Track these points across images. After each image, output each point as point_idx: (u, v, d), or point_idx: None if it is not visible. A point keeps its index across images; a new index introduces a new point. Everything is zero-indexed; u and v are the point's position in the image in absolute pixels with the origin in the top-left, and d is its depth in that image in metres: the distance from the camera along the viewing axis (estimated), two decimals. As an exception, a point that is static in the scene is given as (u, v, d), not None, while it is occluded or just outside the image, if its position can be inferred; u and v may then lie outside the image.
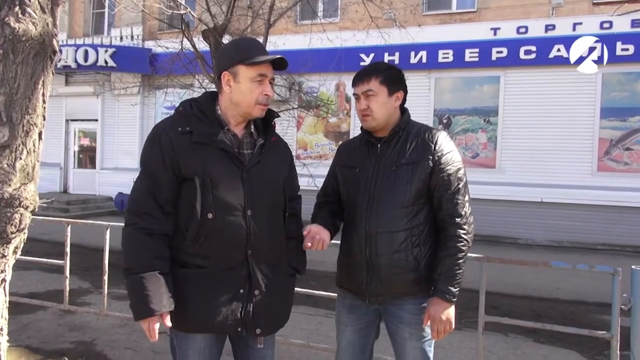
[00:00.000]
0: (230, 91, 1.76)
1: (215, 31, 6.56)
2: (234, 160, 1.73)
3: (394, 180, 1.93)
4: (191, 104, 1.79)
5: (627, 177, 9.84)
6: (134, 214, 1.69)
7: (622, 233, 9.53)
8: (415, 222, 1.93)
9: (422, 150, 1.94)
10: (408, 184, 1.91)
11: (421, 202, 1.94)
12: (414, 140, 1.97)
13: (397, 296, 1.95)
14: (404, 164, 1.93)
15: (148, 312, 1.61)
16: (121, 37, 13.68)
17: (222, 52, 1.86)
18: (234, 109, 1.78)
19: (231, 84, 1.75)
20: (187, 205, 1.70)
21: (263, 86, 1.76)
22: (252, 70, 1.74)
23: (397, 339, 2.00)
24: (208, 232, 1.68)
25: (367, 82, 1.98)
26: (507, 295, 5.73)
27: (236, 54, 1.76)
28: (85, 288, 5.58)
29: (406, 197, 1.91)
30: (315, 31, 9.33)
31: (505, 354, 3.90)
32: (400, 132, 2.00)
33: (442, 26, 11.05)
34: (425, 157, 1.92)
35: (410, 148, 1.95)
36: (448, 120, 11.24)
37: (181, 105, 1.81)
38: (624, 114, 9.95)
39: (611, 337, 2.55)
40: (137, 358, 3.60)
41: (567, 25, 10.14)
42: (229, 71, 1.76)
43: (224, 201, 1.69)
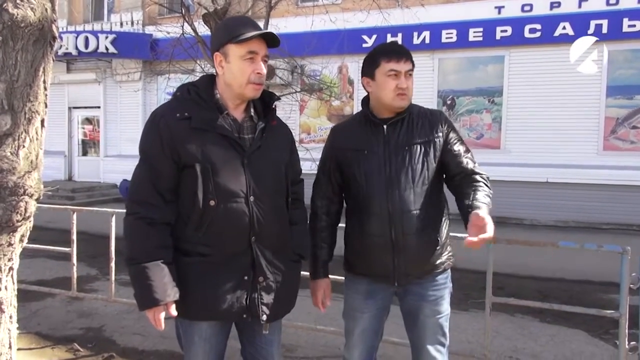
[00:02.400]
0: (223, 72, 1.73)
1: (215, 15, 6.49)
2: (235, 146, 1.70)
3: (410, 160, 1.95)
4: (189, 89, 1.75)
5: (633, 156, 9.76)
6: (135, 202, 1.67)
7: (628, 212, 9.49)
8: (434, 199, 1.97)
9: (430, 129, 1.99)
10: (425, 162, 1.95)
11: (436, 179, 1.99)
12: (419, 120, 2.01)
13: (422, 275, 1.98)
14: (416, 143, 1.97)
15: (153, 302, 1.61)
16: (121, 22, 13.56)
17: (213, 34, 1.83)
18: (229, 91, 1.75)
19: (223, 65, 1.72)
20: (188, 193, 1.67)
21: (254, 64, 1.71)
22: (242, 48, 1.69)
23: (419, 316, 2.02)
24: (210, 220, 1.66)
25: (410, 61, 1.98)
26: (514, 276, 5.73)
27: (225, 33, 1.72)
28: (93, 275, 5.63)
29: (423, 176, 1.95)
30: (317, 13, 9.21)
31: (512, 335, 3.92)
32: (404, 113, 2.00)
33: (445, 5, 10.88)
34: (435, 134, 1.98)
35: (418, 127, 1.99)
36: (452, 101, 11.14)
37: (178, 90, 1.77)
38: (630, 91, 9.82)
39: (620, 316, 2.55)
40: (146, 343, 3.63)
41: (572, 2, 9.97)
42: (220, 52, 1.73)
43: (225, 188, 1.66)
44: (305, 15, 9.64)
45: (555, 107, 10.08)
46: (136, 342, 3.64)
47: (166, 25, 9.24)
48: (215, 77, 1.81)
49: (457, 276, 2.29)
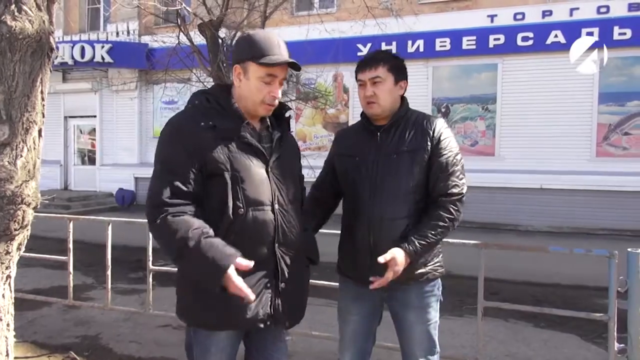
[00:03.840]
0: (240, 85, 1.74)
1: (211, 24, 6.55)
2: (259, 155, 1.71)
3: (396, 168, 1.95)
4: (207, 98, 1.73)
5: (626, 162, 9.86)
6: (159, 205, 1.59)
7: (622, 217, 9.56)
8: (418, 209, 1.96)
9: (420, 138, 1.98)
10: (409, 172, 1.95)
11: (422, 190, 1.97)
12: (412, 128, 2.00)
13: (402, 282, 1.96)
14: (404, 151, 1.97)
15: (223, 270, 1.51)
16: (117, 32, 13.64)
17: (236, 45, 1.80)
18: (244, 103, 1.75)
19: (241, 79, 1.73)
20: (216, 202, 1.64)
21: (271, 87, 1.72)
22: (262, 69, 1.69)
23: (404, 323, 2.03)
24: (239, 228, 1.64)
25: (375, 68, 1.99)
26: (508, 282, 5.77)
27: (249, 49, 1.70)
28: (89, 283, 5.63)
29: (408, 185, 1.94)
30: (312, 22, 9.29)
31: (506, 339, 3.95)
32: (399, 121, 2.02)
33: (439, 14, 11.02)
34: (423, 144, 1.97)
35: (409, 136, 1.99)
36: (446, 108, 11.23)
37: (196, 99, 1.75)
38: (622, 98, 9.94)
39: (608, 319, 2.59)
40: (142, 351, 3.64)
41: (564, 10, 10.12)
42: (241, 65, 1.72)
43: (254, 196, 1.66)
44: (300, 24, 9.72)
45: (548, 114, 10.19)
46: (132, 350, 3.65)
47: (162, 35, 9.30)
48: (229, 86, 1.81)
49: (453, 282, 2.34)
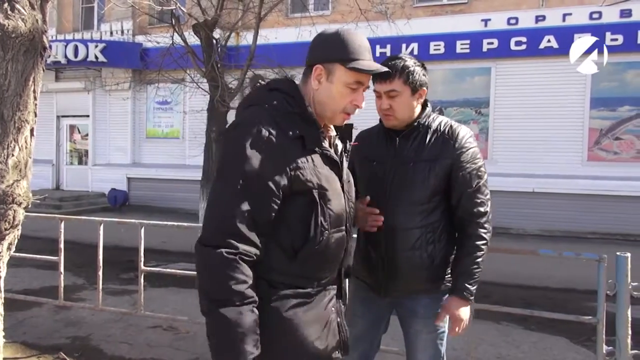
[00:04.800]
0: (318, 88, 1.49)
1: (206, 25, 6.55)
2: (336, 169, 1.50)
3: (412, 177, 1.88)
4: (287, 100, 1.46)
5: (616, 167, 9.95)
6: (226, 233, 1.32)
7: (612, 221, 9.63)
8: (431, 220, 1.90)
9: (441, 147, 1.90)
10: (425, 182, 1.88)
11: (437, 200, 1.91)
12: (433, 135, 1.92)
13: (411, 292, 1.94)
14: (422, 160, 1.89)
15: (243, 357, 1.29)
16: (111, 31, 13.58)
17: (322, 41, 1.52)
18: (320, 109, 1.51)
19: (322, 81, 1.49)
20: (299, 222, 1.41)
21: (356, 94, 1.50)
22: (352, 75, 1.47)
23: (410, 331, 2.02)
24: (320, 252, 1.44)
25: (390, 81, 1.89)
26: (499, 284, 5.80)
27: (340, 49, 1.47)
28: (80, 284, 5.60)
29: (423, 195, 1.88)
30: (306, 24, 9.32)
31: (497, 341, 3.97)
32: (420, 127, 1.94)
33: (433, 18, 11.07)
34: (444, 154, 1.89)
35: (429, 144, 1.91)
36: (440, 112, 11.26)
37: (273, 98, 1.46)
38: (613, 103, 10.03)
39: (597, 322, 2.61)
40: (133, 352, 3.63)
41: (557, 15, 10.19)
42: (324, 66, 1.48)
43: (336, 216, 1.47)
44: (295, 26, 9.74)
45: (540, 118, 10.26)
46: (123, 351, 3.64)
47: (156, 35, 9.30)
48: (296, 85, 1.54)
49: None
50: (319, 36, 1.53)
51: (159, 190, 12.98)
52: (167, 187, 12.88)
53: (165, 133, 13.74)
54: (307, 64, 1.52)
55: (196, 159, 10.54)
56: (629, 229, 9.47)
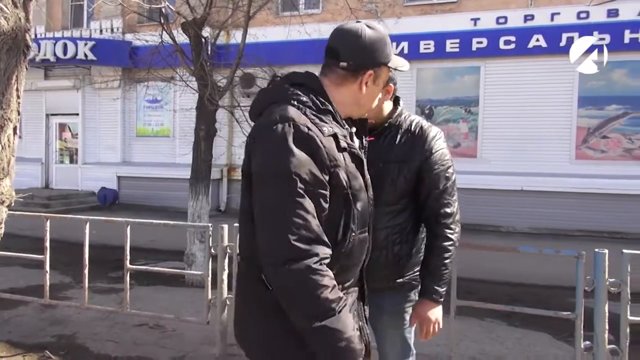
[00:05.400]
0: (364, 93, 1.46)
1: (194, 24, 6.54)
2: (362, 168, 1.45)
3: (380, 178, 1.85)
4: (316, 97, 1.39)
5: (604, 165, 10.06)
6: (301, 243, 1.23)
7: (600, 219, 9.74)
8: (398, 221, 1.91)
9: (410, 148, 1.90)
10: (394, 183, 1.88)
11: (405, 202, 1.92)
12: (404, 135, 1.93)
13: (377, 290, 1.91)
14: (392, 161, 1.89)
15: (359, 354, 1.28)
16: (101, 29, 13.51)
17: (370, 43, 1.44)
18: (350, 110, 1.49)
19: (369, 85, 1.46)
20: (330, 225, 1.33)
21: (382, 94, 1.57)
22: (387, 73, 1.53)
23: (378, 326, 2.04)
24: (348, 254, 1.40)
25: None
26: (485, 282, 5.86)
27: (387, 51, 1.47)
28: (67, 282, 5.59)
29: (391, 196, 1.88)
30: (295, 23, 9.32)
31: (480, 338, 4.02)
32: (391, 126, 1.94)
33: (423, 17, 11.12)
34: (413, 155, 1.89)
35: (399, 144, 1.91)
36: (430, 110, 11.34)
37: (301, 95, 1.38)
38: (600, 102, 10.14)
39: (575, 317, 2.66)
40: (119, 350, 3.63)
41: (545, 15, 10.28)
42: (375, 70, 1.45)
43: (362, 217, 1.43)
44: (284, 24, 9.74)
45: (529, 117, 10.34)
46: (109, 349, 3.64)
47: (144, 33, 9.24)
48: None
49: None
50: (362, 37, 1.42)
51: (149, 189, 12.93)
52: (157, 186, 12.84)
53: (156, 131, 13.70)
54: (347, 67, 1.43)
55: (186, 157, 10.50)
56: (616, 226, 9.58)
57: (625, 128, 10.02)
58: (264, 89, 1.49)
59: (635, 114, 9.93)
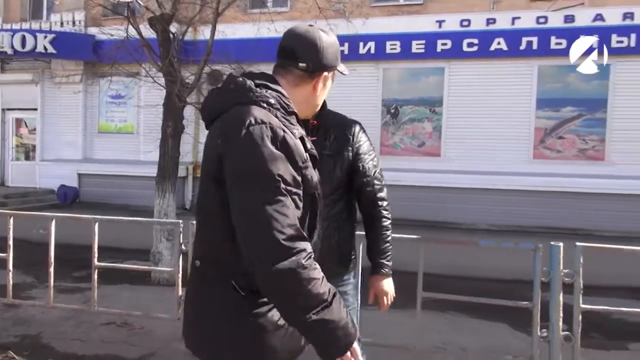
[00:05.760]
0: (318, 94, 1.53)
1: (162, 19, 6.47)
2: (316, 165, 1.50)
3: (319, 171, 1.98)
4: (282, 99, 1.41)
5: (560, 164, 10.51)
6: (292, 240, 1.24)
7: (557, 216, 10.12)
8: (335, 210, 2.06)
9: (342, 143, 2.08)
10: (331, 174, 2.02)
11: (340, 192, 2.08)
12: (333, 132, 2.09)
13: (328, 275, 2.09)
14: (326, 155, 2.02)
15: (352, 339, 1.32)
16: (62, 22, 13.10)
17: (326, 47, 1.49)
18: (302, 110, 1.51)
19: (321, 87, 1.53)
20: (301, 224, 1.34)
21: None
22: (333, 78, 1.58)
23: None
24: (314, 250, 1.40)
25: None
26: (447, 277, 6.02)
27: (338, 57, 1.54)
28: (29, 282, 5.45)
29: (328, 188, 1.98)
30: (264, 20, 9.32)
31: (444, 329, 4.19)
32: (319, 124, 2.05)
33: (389, 18, 11.29)
34: (345, 148, 2.08)
35: (331, 138, 2.08)
36: (395, 110, 11.55)
37: (268, 97, 1.39)
38: (557, 104, 10.58)
39: (532, 307, 2.82)
40: (86, 348, 3.59)
41: (506, 19, 10.63)
42: (329, 72, 1.53)
43: (321, 214, 1.50)
44: (253, 22, 9.73)
45: (490, 117, 10.68)
46: (75, 348, 3.59)
47: (110, 28, 9.05)
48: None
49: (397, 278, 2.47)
50: (318, 41, 1.47)
51: (111, 187, 12.64)
52: (120, 184, 12.56)
53: (119, 128, 13.41)
54: (307, 69, 1.46)
55: (151, 154, 10.35)
56: (571, 223, 9.97)
57: (579, 129, 10.50)
58: (220, 89, 1.45)
59: (589, 116, 10.42)
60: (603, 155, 10.36)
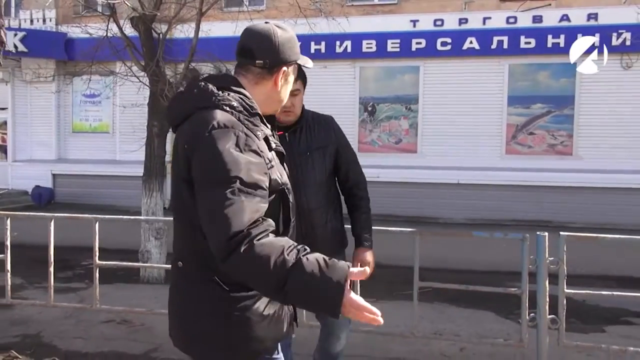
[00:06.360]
0: (279, 90, 1.55)
1: (145, 18, 6.46)
2: (283, 162, 1.58)
3: (312, 164, 2.31)
4: (245, 101, 1.45)
5: (531, 159, 10.93)
6: (240, 231, 1.26)
7: (529, 209, 10.52)
8: (330, 197, 2.40)
9: (325, 136, 2.39)
10: (323, 165, 2.34)
11: (330, 179, 2.41)
12: (314, 127, 2.37)
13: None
14: (315, 148, 2.33)
15: (342, 288, 1.22)
16: (32, 19, 12.80)
17: (282, 42, 1.50)
18: (269, 108, 1.57)
19: (282, 82, 1.54)
20: (274, 219, 1.41)
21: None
22: (295, 71, 1.62)
23: None
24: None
25: (298, 81, 2.17)
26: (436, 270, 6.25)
27: (296, 49, 1.54)
28: (19, 283, 5.39)
29: (324, 176, 2.35)
30: (242, 19, 9.36)
31: (435, 319, 4.39)
32: (302, 121, 2.34)
33: (365, 17, 11.49)
34: (330, 140, 2.39)
35: (315, 134, 2.35)
36: (372, 107, 11.77)
37: (231, 100, 1.42)
38: (527, 101, 11.00)
39: (521, 293, 3.04)
40: (89, 346, 3.64)
41: (478, 19, 10.96)
42: (289, 67, 1.55)
43: (293, 207, 1.57)
44: (231, 20, 9.75)
45: (464, 115, 11.01)
46: (79, 346, 3.64)
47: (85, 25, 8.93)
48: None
49: (380, 272, 2.66)
50: (273, 37, 1.48)
51: (87, 187, 12.47)
52: (96, 184, 12.41)
53: (94, 127, 13.20)
54: (264, 65, 1.49)
55: (128, 154, 10.26)
56: (543, 215, 10.41)
57: (549, 125, 10.94)
58: (184, 93, 1.48)
59: (558, 112, 10.87)
60: (571, 150, 10.83)
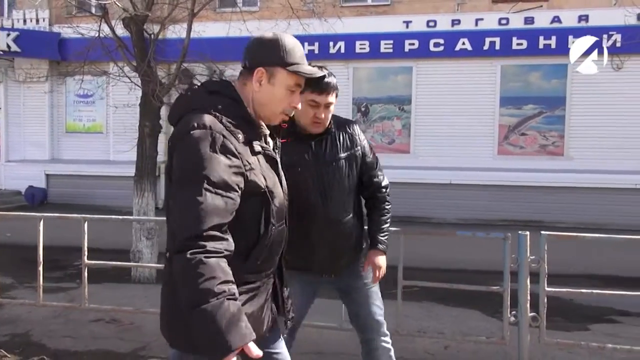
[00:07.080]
0: (259, 90, 1.59)
1: (137, 19, 6.48)
2: (276, 167, 1.63)
3: (339, 174, 2.26)
4: (231, 104, 1.55)
5: (523, 160, 11.00)
6: (198, 237, 1.34)
7: (522, 209, 10.58)
8: (355, 207, 2.35)
9: (350, 144, 2.32)
10: (348, 175, 2.29)
11: (355, 187, 2.35)
12: (340, 135, 2.30)
13: (350, 263, 2.39)
14: (340, 158, 2.28)
15: (244, 339, 1.31)
16: (25, 19, 12.78)
17: (262, 44, 1.60)
18: (260, 110, 1.61)
19: (262, 83, 1.58)
20: (251, 223, 1.53)
21: (294, 96, 1.63)
22: (293, 78, 1.59)
23: (357, 289, 2.41)
24: (269, 246, 1.57)
25: (331, 94, 2.20)
26: (422, 269, 6.30)
27: (280, 54, 1.57)
28: (9, 283, 5.41)
29: (351, 185, 2.31)
30: (235, 19, 9.39)
31: (420, 317, 4.43)
32: (329, 131, 2.28)
33: (358, 18, 11.54)
34: (354, 149, 2.33)
35: (341, 143, 2.30)
36: (366, 108, 11.81)
37: (217, 103, 1.52)
38: (519, 102, 11.07)
39: (503, 291, 3.09)
40: (78, 345, 3.66)
41: (470, 20, 11.03)
42: (266, 69, 1.57)
43: (280, 212, 1.61)
44: (224, 21, 9.79)
45: (457, 115, 11.08)
46: (67, 345, 3.66)
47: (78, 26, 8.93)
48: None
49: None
50: (258, 40, 1.61)
51: (81, 187, 12.45)
52: (89, 184, 12.40)
53: (87, 128, 13.19)
54: (246, 66, 1.60)
55: (122, 155, 10.27)
56: (534, 215, 10.46)
57: (540, 126, 11.02)
58: (183, 95, 1.61)
59: (549, 113, 10.95)
60: (562, 150, 10.90)
